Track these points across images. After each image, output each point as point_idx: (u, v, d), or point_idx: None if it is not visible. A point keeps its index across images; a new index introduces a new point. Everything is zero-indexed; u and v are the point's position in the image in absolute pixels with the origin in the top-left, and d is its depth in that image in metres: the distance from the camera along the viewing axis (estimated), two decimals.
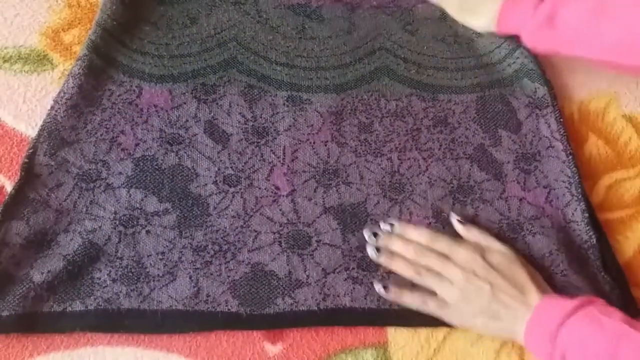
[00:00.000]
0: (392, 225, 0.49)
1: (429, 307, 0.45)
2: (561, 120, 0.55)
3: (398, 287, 0.46)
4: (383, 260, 0.48)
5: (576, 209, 0.51)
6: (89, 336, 0.43)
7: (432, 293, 0.46)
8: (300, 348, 0.44)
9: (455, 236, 0.49)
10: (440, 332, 0.46)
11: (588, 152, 0.57)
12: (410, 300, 0.46)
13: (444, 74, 0.58)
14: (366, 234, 0.49)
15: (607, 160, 0.56)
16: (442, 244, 0.47)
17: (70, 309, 0.43)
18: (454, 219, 0.49)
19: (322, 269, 0.47)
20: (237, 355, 0.44)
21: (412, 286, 0.47)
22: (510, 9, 0.55)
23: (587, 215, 0.50)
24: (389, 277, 0.47)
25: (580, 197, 0.51)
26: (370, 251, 0.48)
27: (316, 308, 0.45)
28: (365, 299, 0.46)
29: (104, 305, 0.43)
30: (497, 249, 0.47)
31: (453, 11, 0.60)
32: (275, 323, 0.44)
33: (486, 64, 0.59)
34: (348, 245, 0.48)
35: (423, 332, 0.46)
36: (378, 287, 0.46)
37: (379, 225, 0.49)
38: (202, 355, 0.43)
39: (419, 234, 0.48)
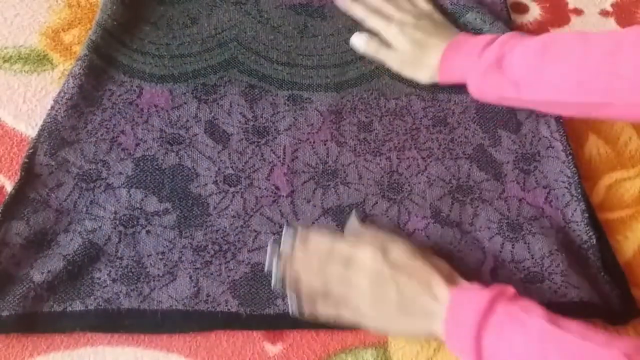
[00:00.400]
0: (295, 229, 0.46)
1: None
2: (561, 120, 0.55)
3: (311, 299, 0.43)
4: (287, 292, 0.44)
5: (576, 209, 0.50)
6: (89, 336, 0.43)
7: (345, 303, 0.43)
8: (300, 348, 0.44)
9: (452, 241, 0.49)
10: None
11: (588, 152, 0.57)
12: (324, 309, 0.43)
13: None
14: (270, 243, 0.46)
15: (607, 160, 0.56)
16: (343, 246, 0.44)
17: (70, 309, 0.43)
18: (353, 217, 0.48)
19: None
20: (237, 355, 0.44)
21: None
22: (452, 58, 0.54)
23: (587, 215, 0.50)
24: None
25: (580, 197, 0.51)
26: (274, 269, 0.44)
27: None
28: None
29: (104, 305, 0.43)
30: (396, 244, 0.44)
31: (394, 66, 0.57)
32: (275, 324, 0.44)
33: None
34: None
35: None
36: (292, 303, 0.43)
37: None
38: (202, 355, 0.43)
39: (320, 241, 0.45)
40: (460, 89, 0.57)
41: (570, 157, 0.53)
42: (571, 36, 0.49)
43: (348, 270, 0.43)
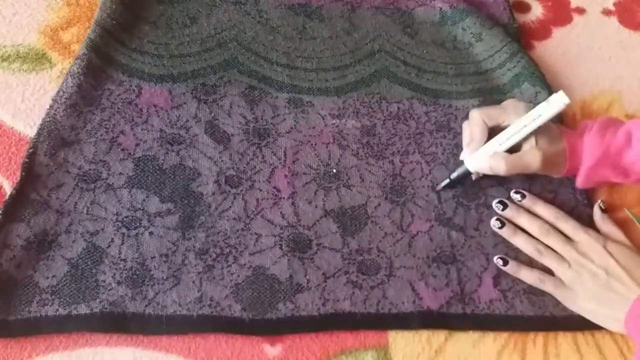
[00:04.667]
0: (523, 195, 0.51)
1: (546, 285, 0.48)
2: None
3: (517, 262, 0.48)
4: (505, 232, 0.49)
5: (582, 213, 0.51)
6: (88, 337, 0.43)
7: (549, 271, 0.48)
8: (299, 350, 0.44)
9: (455, 244, 0.49)
10: (442, 333, 0.46)
11: None
12: (528, 276, 0.48)
13: (444, 79, 0.58)
14: (494, 203, 0.51)
15: None
16: (567, 226, 0.49)
17: (75, 312, 0.43)
18: (597, 205, 0.51)
19: (322, 273, 0.47)
20: (237, 357, 0.44)
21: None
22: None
23: (593, 220, 0.50)
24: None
25: (586, 202, 0.52)
26: (493, 221, 0.50)
27: (316, 313, 0.45)
28: (364, 303, 0.46)
29: (110, 309, 0.43)
30: (620, 240, 0.48)
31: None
32: (276, 328, 0.44)
33: (486, 69, 0.59)
34: (348, 248, 0.48)
35: (424, 333, 0.46)
36: (496, 259, 0.48)
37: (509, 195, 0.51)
38: (201, 356, 0.43)
39: (547, 212, 0.50)
40: (460, 94, 0.57)
41: None
42: None
43: (564, 246, 0.48)
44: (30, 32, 0.56)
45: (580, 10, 0.67)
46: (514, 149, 0.48)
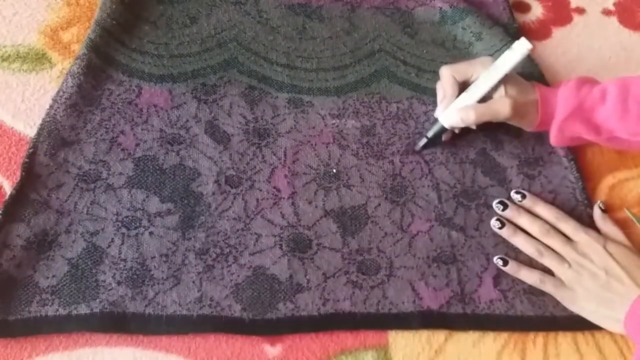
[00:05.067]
0: (523, 196, 0.51)
1: (546, 286, 0.47)
2: None
3: (517, 263, 0.48)
4: (505, 232, 0.49)
5: (582, 214, 0.51)
6: (88, 337, 0.43)
7: (549, 272, 0.48)
8: (299, 350, 0.44)
9: (455, 244, 0.49)
10: (442, 333, 0.46)
11: (590, 152, 0.56)
12: (528, 276, 0.48)
13: None
14: (494, 203, 0.51)
15: (609, 160, 0.56)
16: (567, 226, 0.49)
17: (75, 312, 0.43)
18: (597, 205, 0.51)
19: (323, 273, 0.47)
20: (237, 357, 0.43)
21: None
22: None
23: (593, 220, 0.50)
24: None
25: (585, 202, 0.52)
26: (493, 222, 0.50)
27: (316, 313, 0.45)
28: (364, 303, 0.46)
29: (110, 309, 0.43)
30: (620, 241, 0.49)
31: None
32: (276, 328, 0.44)
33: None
34: (348, 248, 0.48)
35: (424, 333, 0.46)
36: (496, 260, 0.48)
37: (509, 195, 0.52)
38: (201, 356, 0.43)
39: (547, 212, 0.50)
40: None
41: (572, 162, 0.53)
42: None
43: (565, 246, 0.48)
44: (30, 32, 0.56)
45: (580, 10, 0.67)
46: (485, 101, 0.49)
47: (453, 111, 0.50)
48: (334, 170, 0.52)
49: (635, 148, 0.50)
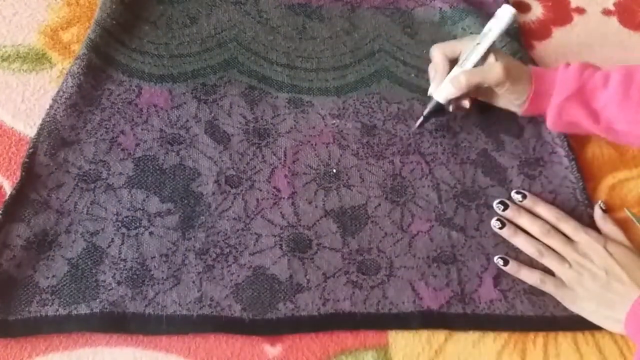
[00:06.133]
0: (524, 196, 0.51)
1: (546, 286, 0.47)
2: None
3: (517, 263, 0.48)
4: (505, 232, 0.49)
5: (582, 214, 0.51)
6: (88, 337, 0.43)
7: (550, 272, 0.48)
8: (299, 350, 0.44)
9: (455, 244, 0.49)
10: (442, 333, 0.46)
11: (591, 152, 0.56)
12: (528, 276, 0.48)
13: None
14: (495, 203, 0.51)
15: (609, 160, 0.56)
16: (568, 226, 0.49)
17: (75, 312, 0.43)
18: (598, 205, 0.51)
19: (323, 273, 0.47)
20: (237, 357, 0.43)
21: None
22: None
23: (594, 220, 0.50)
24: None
25: (586, 202, 0.52)
26: (493, 222, 0.50)
27: (316, 313, 0.45)
28: (364, 303, 0.46)
29: (110, 308, 0.43)
30: (620, 241, 0.49)
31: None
32: (276, 328, 0.44)
33: None
34: (348, 248, 0.48)
35: (424, 333, 0.46)
36: (497, 260, 0.48)
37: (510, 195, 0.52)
38: (201, 356, 0.43)
39: (548, 212, 0.50)
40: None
41: (573, 162, 0.53)
42: None
43: (565, 246, 0.48)
44: (30, 32, 0.56)
45: (580, 10, 0.67)
46: None
47: (445, 83, 0.51)
48: (334, 170, 0.52)
49: (632, 142, 0.50)
